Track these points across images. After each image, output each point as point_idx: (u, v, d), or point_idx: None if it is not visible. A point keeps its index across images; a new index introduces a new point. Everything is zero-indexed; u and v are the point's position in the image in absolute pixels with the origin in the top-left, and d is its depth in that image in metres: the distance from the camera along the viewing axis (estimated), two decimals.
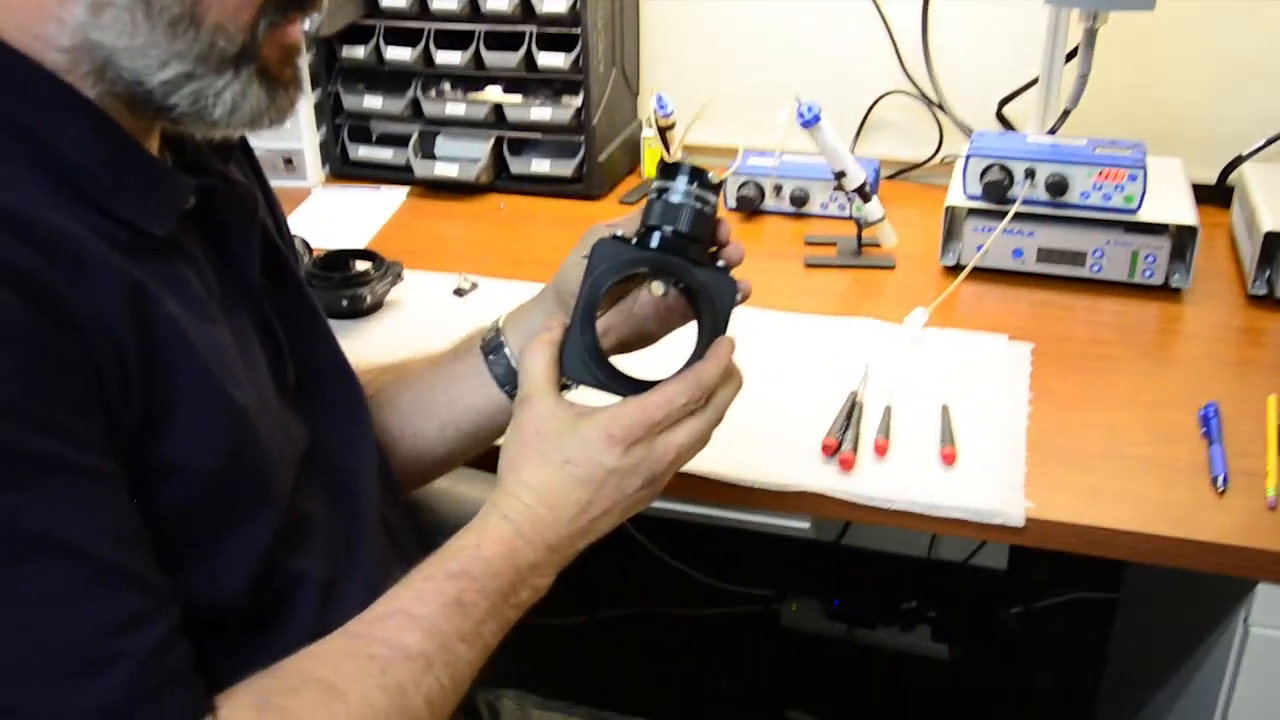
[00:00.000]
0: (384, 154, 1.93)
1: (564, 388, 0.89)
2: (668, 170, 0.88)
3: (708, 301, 0.88)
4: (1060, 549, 1.10)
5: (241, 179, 0.90)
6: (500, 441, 0.91)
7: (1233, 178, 1.71)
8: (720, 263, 0.91)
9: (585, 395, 0.88)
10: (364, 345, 1.41)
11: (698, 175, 0.88)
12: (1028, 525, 1.09)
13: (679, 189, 0.88)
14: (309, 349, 0.93)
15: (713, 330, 0.88)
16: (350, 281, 1.47)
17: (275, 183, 1.93)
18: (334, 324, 1.45)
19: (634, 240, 0.88)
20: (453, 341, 1.07)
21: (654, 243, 0.88)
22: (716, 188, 0.90)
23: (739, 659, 2.17)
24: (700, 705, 2.07)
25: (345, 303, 1.45)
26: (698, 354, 0.87)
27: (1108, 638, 1.86)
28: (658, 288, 0.88)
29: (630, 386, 0.87)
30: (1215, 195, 1.70)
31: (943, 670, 2.11)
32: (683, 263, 0.87)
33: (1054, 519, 1.09)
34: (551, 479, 0.84)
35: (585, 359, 0.87)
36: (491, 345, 1.02)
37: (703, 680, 2.12)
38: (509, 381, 1.00)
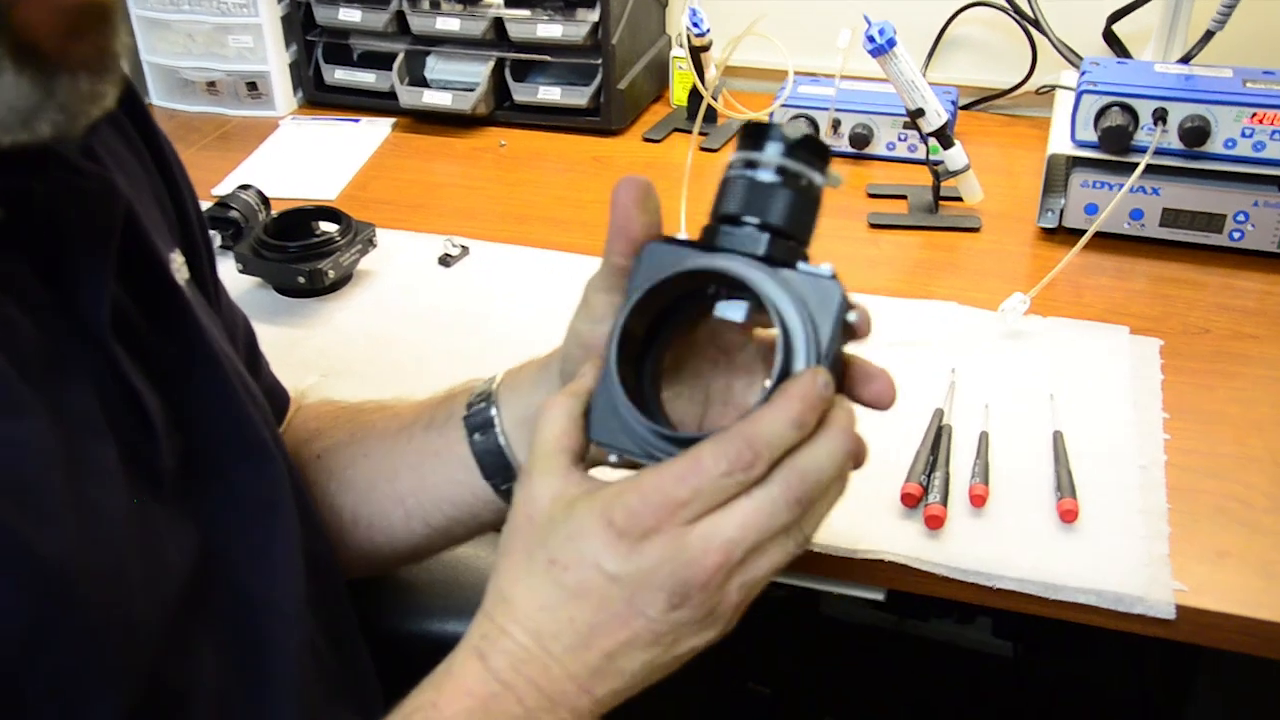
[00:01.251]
0: (365, 77, 1.63)
1: (594, 463, 0.61)
2: (754, 135, 0.58)
3: (796, 319, 0.56)
4: (1223, 648, 0.83)
5: (95, 168, 0.62)
6: None
7: None
8: (825, 267, 0.58)
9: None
10: (325, 333, 1.15)
11: (799, 144, 0.58)
12: (1180, 616, 0.82)
13: (769, 160, 0.58)
14: (203, 413, 0.65)
15: (798, 357, 0.56)
16: (310, 251, 1.19)
17: (239, 113, 1.69)
18: (290, 305, 1.23)
19: (698, 241, 0.59)
20: (431, 396, 0.78)
21: (725, 241, 0.58)
22: (825, 157, 0.59)
23: (773, 654, 1.93)
24: (729, 710, 1.84)
25: (303, 279, 1.18)
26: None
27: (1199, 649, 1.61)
28: (729, 311, 0.58)
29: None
30: None
31: (1005, 669, 1.88)
32: (766, 272, 0.57)
33: (1215, 608, 0.82)
34: (536, 590, 0.57)
35: (621, 417, 0.58)
36: (478, 419, 0.73)
37: (731, 680, 1.89)
38: (497, 471, 0.72)
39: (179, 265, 0.67)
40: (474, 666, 0.57)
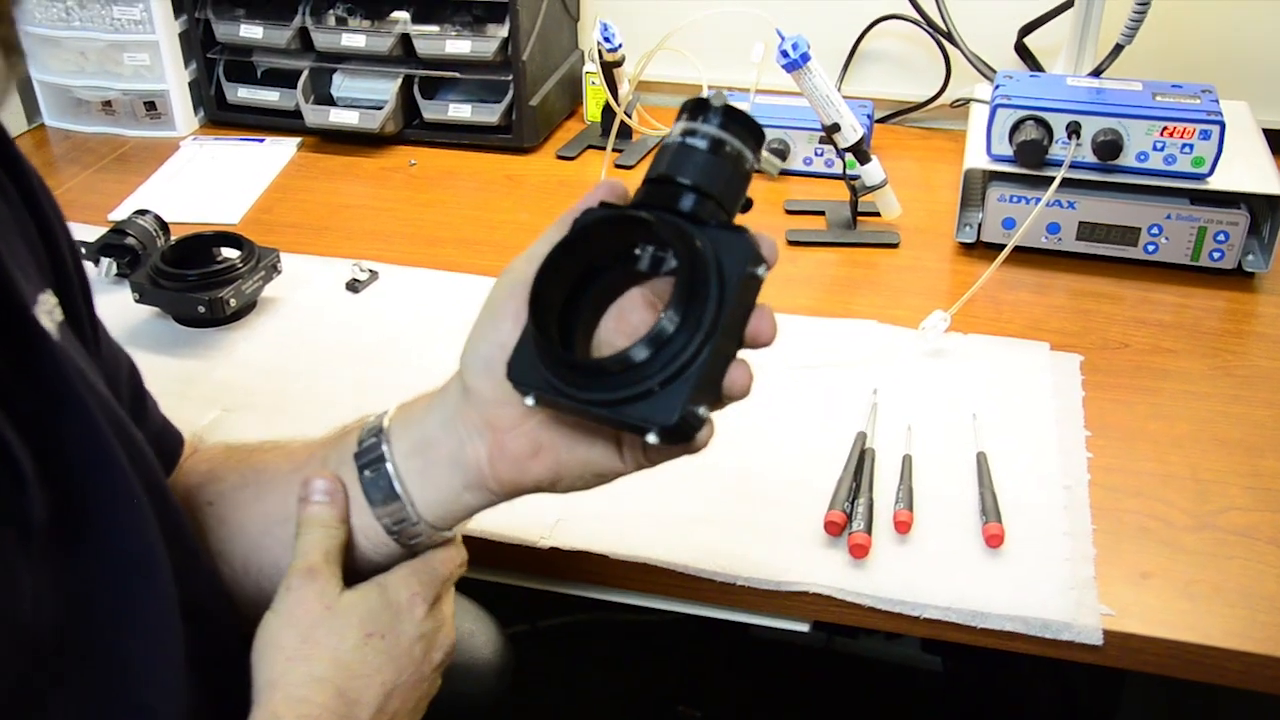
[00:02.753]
0: (269, 96, 1.58)
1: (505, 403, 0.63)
2: (693, 107, 0.61)
3: (702, 272, 0.57)
4: (1150, 671, 0.81)
5: None
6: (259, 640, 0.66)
7: None
8: (740, 227, 0.59)
9: None
10: (226, 365, 1.10)
11: (732, 117, 0.60)
12: (1107, 641, 0.80)
13: (704, 130, 0.60)
14: (74, 463, 0.60)
15: (706, 316, 0.56)
16: (210, 279, 1.14)
17: (137, 133, 1.62)
18: (190, 335, 1.18)
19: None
20: (326, 433, 0.73)
21: (652, 198, 0.60)
22: (759, 137, 0.61)
23: (703, 676, 1.91)
24: None
25: (203, 308, 1.13)
26: (653, 335, 0.56)
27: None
28: (642, 258, 0.60)
29: (594, 391, 0.57)
30: None
31: (935, 683, 1.87)
32: (680, 222, 0.58)
33: (1140, 632, 0.81)
34: (352, 662, 0.65)
35: (537, 361, 0.59)
36: (369, 455, 0.68)
37: (660, 701, 1.86)
38: (391, 514, 0.68)
39: (50, 307, 0.62)
40: None
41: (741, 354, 0.59)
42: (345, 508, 0.68)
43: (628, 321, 0.62)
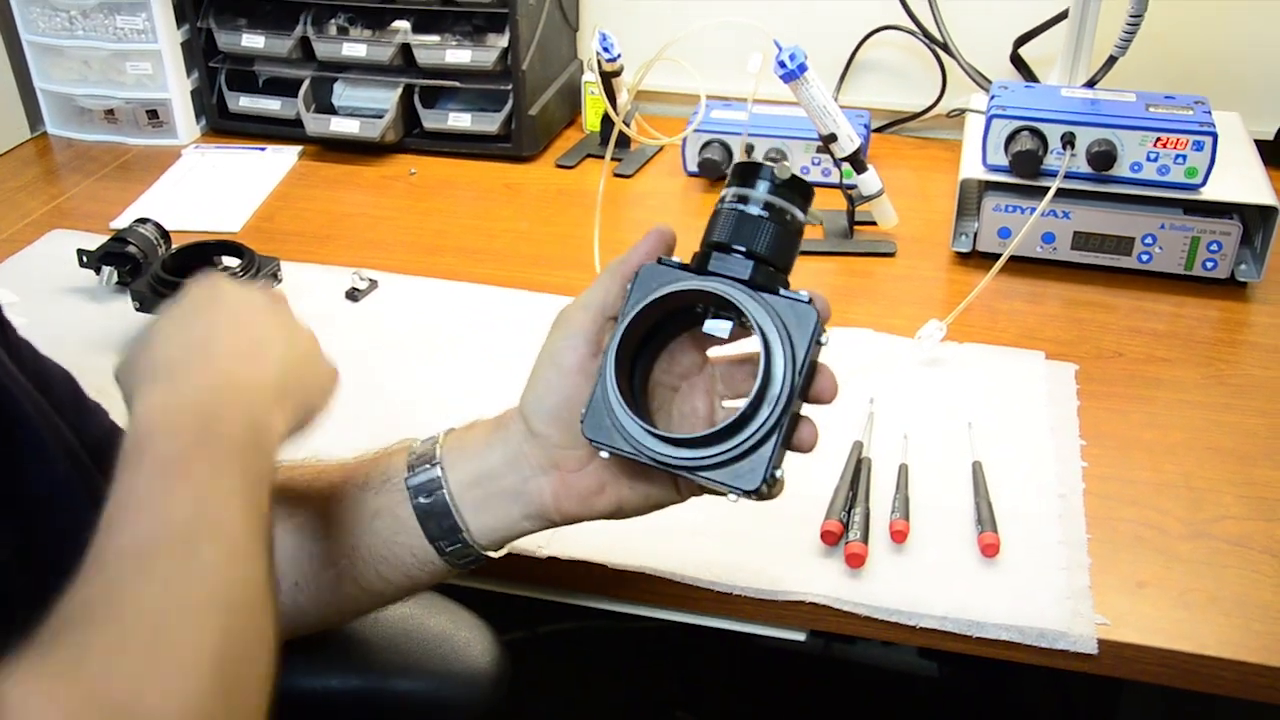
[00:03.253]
0: (270, 105, 1.59)
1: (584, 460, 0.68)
2: (746, 173, 0.65)
3: (780, 354, 0.62)
4: (1146, 680, 0.82)
5: None
6: None
7: None
8: (803, 293, 0.63)
9: None
10: None
11: (786, 183, 0.64)
12: (1102, 651, 0.81)
13: (758, 197, 0.64)
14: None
15: (776, 366, 0.62)
16: None
17: (139, 142, 1.63)
18: None
19: (689, 265, 0.65)
20: (361, 455, 0.75)
21: (715, 266, 0.64)
22: (808, 196, 0.65)
23: (699, 682, 1.91)
24: None
25: None
26: (749, 408, 0.61)
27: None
28: (716, 328, 0.64)
29: (676, 451, 0.63)
30: (1273, 154, 1.40)
31: (931, 689, 1.87)
32: (750, 293, 0.62)
33: (1135, 641, 0.81)
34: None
35: (615, 416, 0.63)
36: (423, 481, 0.69)
37: (657, 707, 1.87)
38: (443, 534, 0.69)
39: None
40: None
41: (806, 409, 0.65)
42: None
43: (679, 364, 0.68)
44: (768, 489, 0.63)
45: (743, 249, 0.63)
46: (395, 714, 0.84)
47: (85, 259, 1.22)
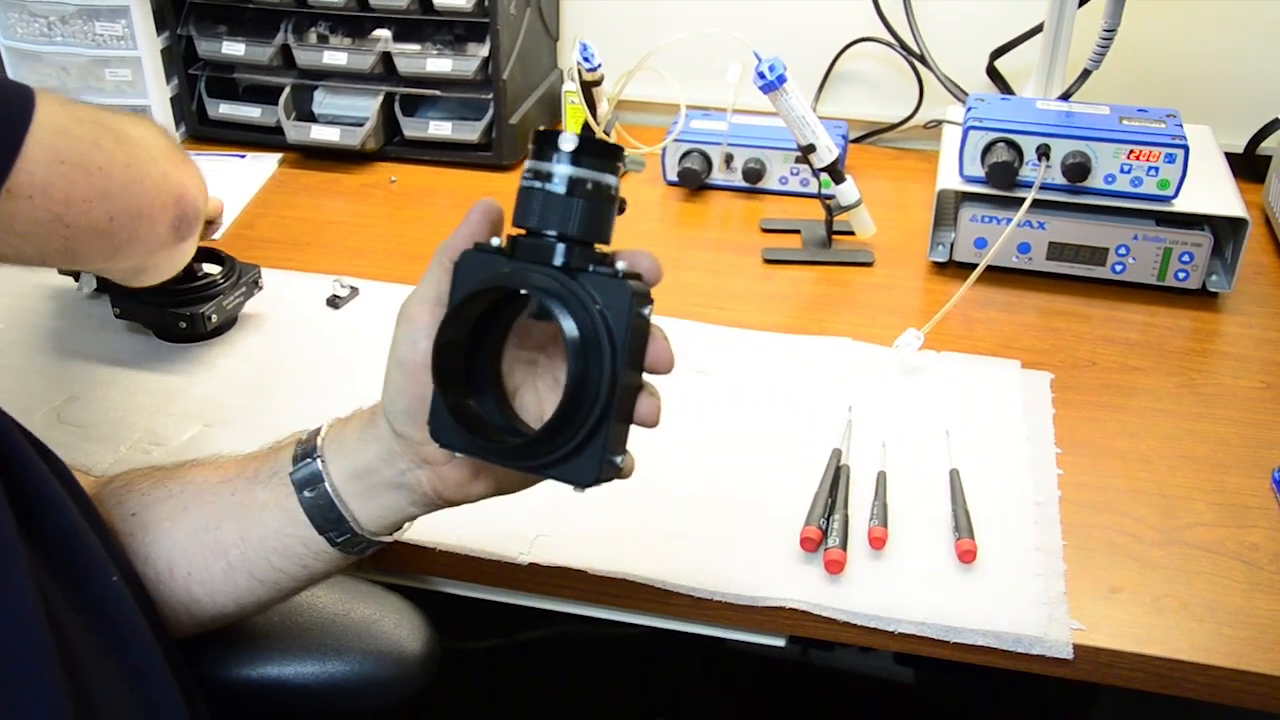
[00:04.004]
0: (250, 112, 1.59)
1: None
2: (542, 143, 0.61)
3: (592, 343, 0.61)
4: (1120, 685, 0.83)
5: None
6: None
7: (1266, 145, 1.44)
8: (620, 265, 0.61)
9: None
10: (207, 381, 1.11)
11: (587, 149, 0.61)
12: (1077, 656, 0.82)
13: (559, 172, 0.61)
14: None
15: (604, 379, 0.61)
16: (191, 295, 1.15)
17: None
18: (170, 351, 1.18)
19: (507, 249, 0.64)
20: (257, 449, 0.76)
21: (526, 253, 0.62)
22: (615, 160, 0.62)
23: (677, 686, 1.92)
24: None
25: (184, 324, 1.13)
26: (561, 412, 0.60)
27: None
28: (540, 313, 0.64)
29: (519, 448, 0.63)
30: (1243, 167, 1.43)
31: (908, 696, 1.88)
32: (560, 281, 0.60)
33: (1109, 646, 0.83)
34: None
35: (451, 420, 0.63)
36: (304, 474, 0.71)
37: (636, 713, 1.87)
38: (330, 525, 0.71)
39: None
40: None
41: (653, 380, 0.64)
42: None
43: (532, 337, 0.67)
44: (607, 479, 0.62)
45: (553, 233, 0.61)
46: (327, 697, 0.85)
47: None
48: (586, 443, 0.61)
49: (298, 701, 0.86)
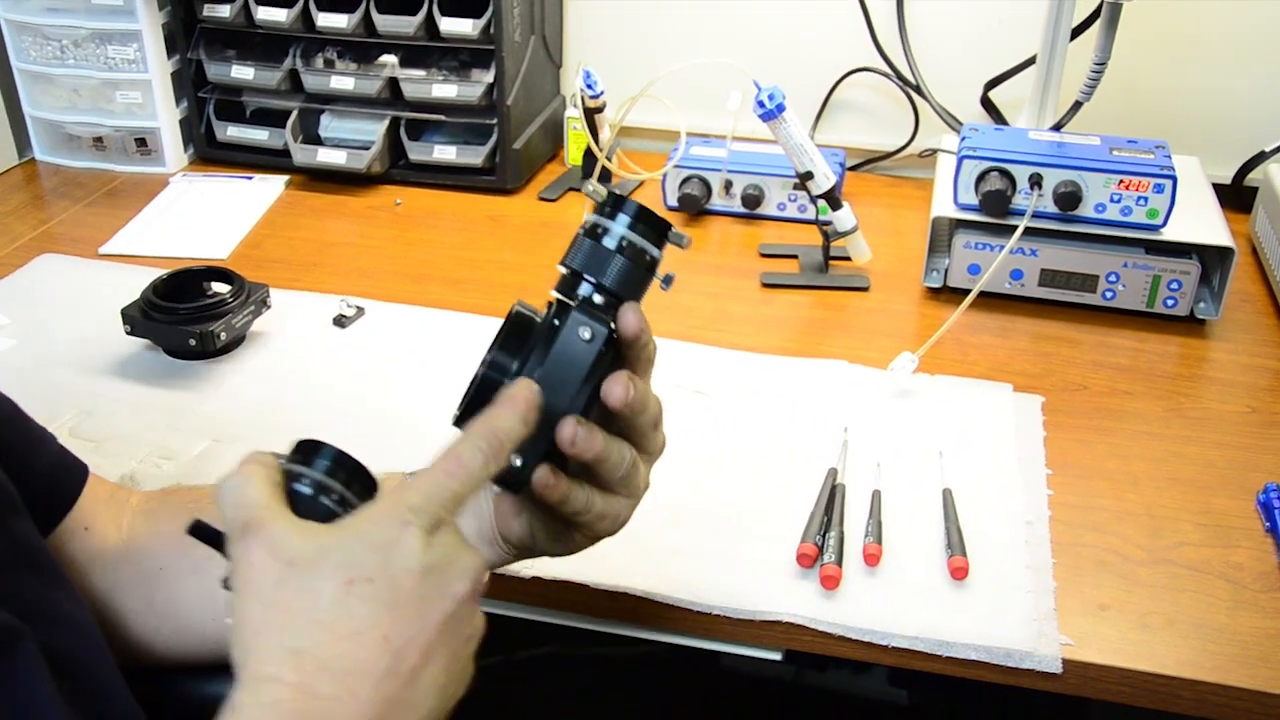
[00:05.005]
0: (258, 135, 1.62)
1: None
2: (610, 205, 0.67)
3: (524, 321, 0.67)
4: (1108, 699, 0.86)
5: None
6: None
7: (1253, 177, 1.48)
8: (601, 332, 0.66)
9: None
10: (216, 398, 1.13)
11: (641, 217, 0.67)
12: (1066, 670, 0.84)
13: (613, 229, 0.66)
14: None
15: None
16: (201, 313, 1.17)
17: (127, 169, 1.65)
18: (180, 368, 1.20)
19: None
20: None
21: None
22: (660, 234, 0.68)
23: (673, 709, 1.93)
24: None
25: (194, 341, 1.15)
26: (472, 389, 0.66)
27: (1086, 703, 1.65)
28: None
29: None
30: (1230, 197, 1.46)
31: (901, 717, 1.89)
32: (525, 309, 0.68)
33: (1098, 661, 0.85)
34: (334, 621, 0.51)
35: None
36: None
37: None
38: None
39: None
40: None
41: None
42: (269, 460, 0.58)
43: None
44: (509, 477, 0.65)
45: (591, 279, 0.66)
46: None
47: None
48: None
49: None
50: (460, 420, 0.66)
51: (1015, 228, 1.22)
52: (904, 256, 1.40)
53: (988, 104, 1.55)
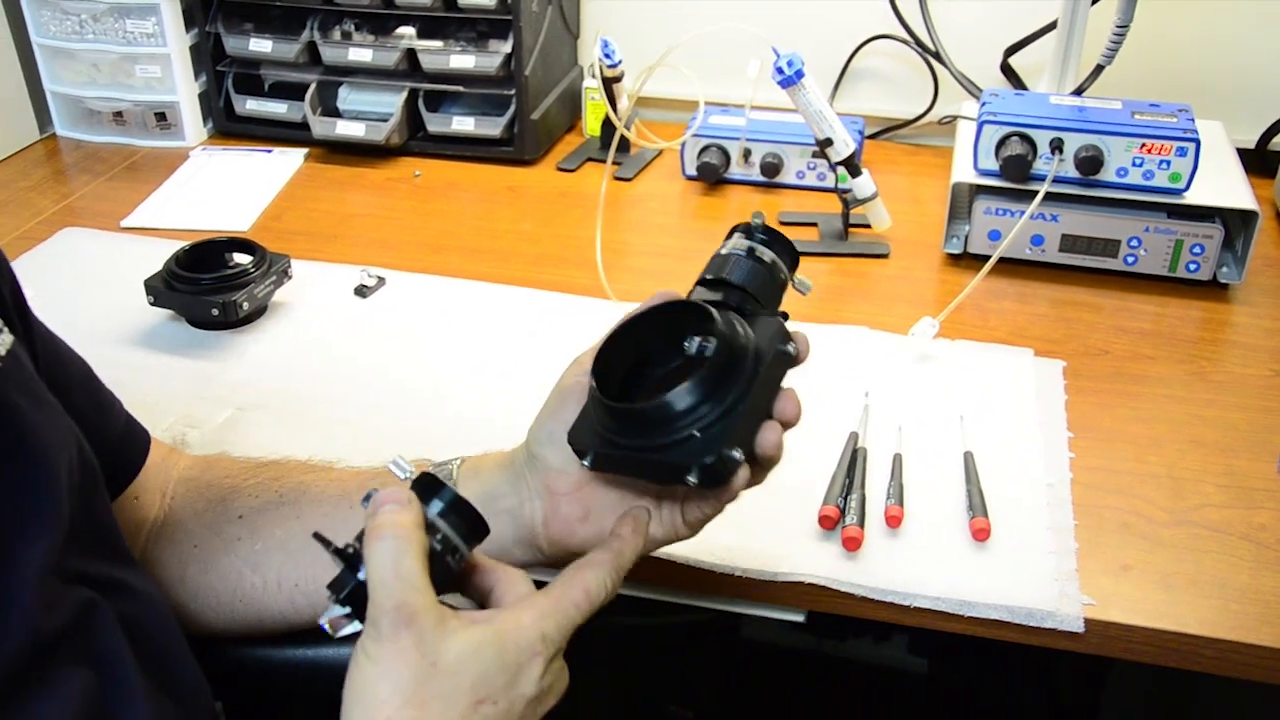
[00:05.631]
0: (277, 108, 1.62)
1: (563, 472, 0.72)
2: (748, 229, 0.74)
3: (739, 341, 0.66)
4: (1130, 658, 0.86)
5: None
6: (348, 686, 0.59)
7: (1278, 142, 1.46)
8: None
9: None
10: (239, 367, 1.14)
11: (776, 238, 0.73)
12: (1088, 629, 0.85)
13: (740, 245, 0.73)
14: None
15: (742, 376, 0.66)
16: (223, 283, 1.18)
17: (148, 143, 1.66)
18: (203, 338, 1.21)
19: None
20: (373, 466, 0.79)
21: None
22: (791, 257, 0.74)
23: (692, 676, 1.94)
24: None
25: (217, 311, 1.16)
26: (741, 426, 0.65)
27: (1107, 664, 1.65)
28: (690, 346, 0.67)
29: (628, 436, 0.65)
30: (1254, 162, 1.45)
31: (921, 685, 1.90)
32: (720, 307, 0.68)
33: (1120, 620, 0.85)
34: None
35: (594, 425, 0.68)
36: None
37: (651, 702, 1.89)
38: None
39: None
40: None
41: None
42: (420, 516, 0.61)
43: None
44: (724, 468, 0.64)
45: (734, 281, 0.70)
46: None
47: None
48: (710, 428, 0.64)
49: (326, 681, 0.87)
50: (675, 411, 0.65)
51: (1036, 193, 1.21)
52: (924, 224, 1.39)
53: (1008, 70, 1.54)
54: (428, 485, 0.62)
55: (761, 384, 0.66)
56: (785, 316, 0.72)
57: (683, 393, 0.64)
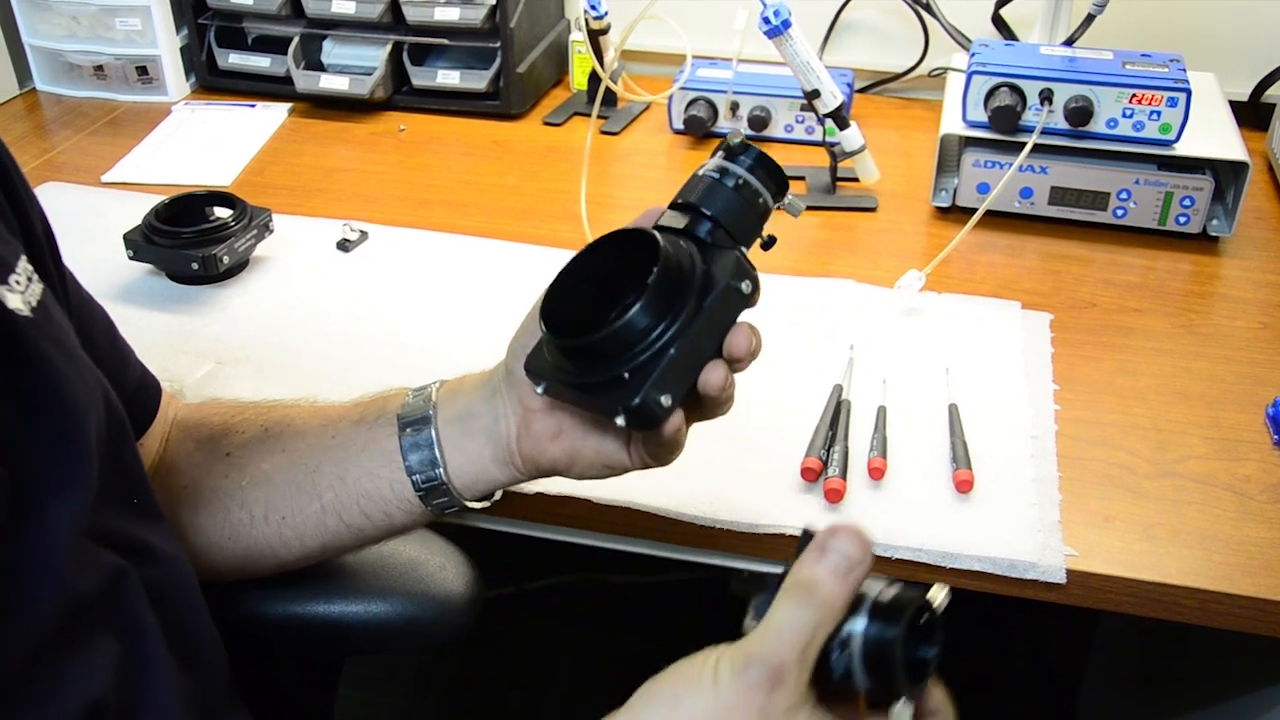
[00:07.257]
0: (260, 62, 1.60)
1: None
2: (729, 150, 0.68)
3: (676, 273, 0.63)
4: (1111, 609, 0.86)
5: None
6: None
7: (1271, 94, 1.45)
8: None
9: None
10: (220, 321, 1.13)
11: (762, 164, 0.67)
12: (1070, 580, 0.84)
13: (731, 169, 0.66)
14: (23, 449, 0.57)
15: (680, 314, 0.63)
16: (204, 237, 1.16)
17: (129, 98, 1.64)
18: (183, 292, 1.20)
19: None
20: (359, 397, 0.78)
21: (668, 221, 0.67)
22: (780, 185, 0.68)
23: (684, 633, 1.94)
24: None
25: (196, 265, 1.15)
26: (676, 366, 0.63)
27: (1095, 619, 1.65)
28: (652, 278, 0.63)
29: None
30: (1247, 115, 1.43)
31: None
32: (671, 235, 0.65)
33: (1102, 571, 0.84)
34: None
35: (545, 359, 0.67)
36: (414, 418, 0.73)
37: (643, 657, 1.89)
38: (423, 471, 0.73)
39: (25, 279, 0.61)
40: None
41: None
42: (855, 587, 0.57)
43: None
44: (649, 412, 0.62)
45: (706, 210, 0.65)
46: (373, 637, 0.87)
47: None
48: (641, 369, 0.62)
49: (342, 639, 0.87)
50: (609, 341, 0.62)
51: (1025, 145, 1.20)
52: (912, 177, 1.38)
53: (999, 21, 1.52)
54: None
55: (707, 321, 0.63)
56: (771, 243, 0.68)
57: (615, 329, 0.61)
